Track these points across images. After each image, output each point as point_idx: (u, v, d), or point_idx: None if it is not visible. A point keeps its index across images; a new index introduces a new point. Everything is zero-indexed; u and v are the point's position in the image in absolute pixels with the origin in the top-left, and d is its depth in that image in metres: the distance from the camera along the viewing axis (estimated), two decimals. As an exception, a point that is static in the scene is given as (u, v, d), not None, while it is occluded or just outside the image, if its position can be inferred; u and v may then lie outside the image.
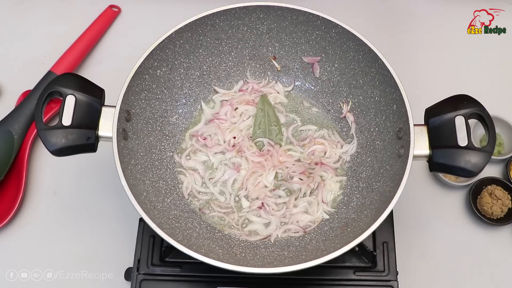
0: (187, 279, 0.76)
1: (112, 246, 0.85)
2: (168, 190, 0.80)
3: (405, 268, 0.81)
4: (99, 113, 0.70)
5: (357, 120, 0.85)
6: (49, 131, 0.67)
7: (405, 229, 0.85)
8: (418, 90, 0.90)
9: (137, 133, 0.77)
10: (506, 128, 0.92)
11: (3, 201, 0.88)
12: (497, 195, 0.86)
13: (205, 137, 0.85)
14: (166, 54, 0.80)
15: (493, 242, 0.87)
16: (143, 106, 0.79)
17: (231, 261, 0.64)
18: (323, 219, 0.79)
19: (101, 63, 1.02)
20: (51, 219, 0.88)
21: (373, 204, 0.73)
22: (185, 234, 0.73)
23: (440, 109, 0.70)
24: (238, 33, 0.84)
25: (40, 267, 0.84)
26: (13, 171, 0.90)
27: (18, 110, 0.92)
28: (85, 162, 0.90)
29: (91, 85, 0.72)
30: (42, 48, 1.03)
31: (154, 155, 0.81)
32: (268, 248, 0.76)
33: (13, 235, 0.87)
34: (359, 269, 0.77)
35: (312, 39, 0.84)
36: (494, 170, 0.91)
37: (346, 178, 0.82)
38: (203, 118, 0.87)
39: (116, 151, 0.68)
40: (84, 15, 1.04)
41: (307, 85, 0.90)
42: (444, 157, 0.67)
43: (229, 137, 0.85)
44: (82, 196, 0.90)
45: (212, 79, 0.89)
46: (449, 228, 0.88)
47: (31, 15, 1.07)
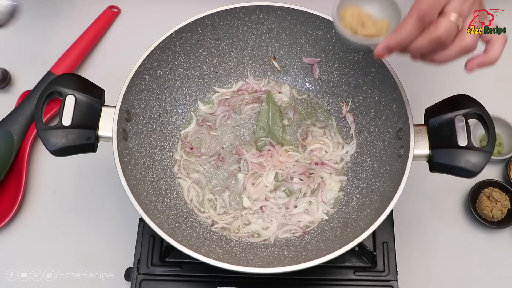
0: (187, 279, 0.76)
1: (112, 246, 0.85)
2: (168, 190, 0.80)
3: (405, 268, 0.81)
4: (99, 113, 0.70)
5: (357, 120, 0.85)
6: (49, 131, 0.67)
7: (405, 229, 0.85)
8: (418, 90, 0.90)
9: (137, 133, 0.77)
10: (506, 128, 0.92)
11: (3, 201, 0.88)
12: (495, 198, 0.86)
13: (191, 146, 0.85)
14: (166, 54, 0.80)
15: (493, 242, 0.86)
16: (143, 106, 0.79)
17: (231, 261, 0.64)
18: (323, 219, 0.79)
19: (101, 63, 1.02)
20: (51, 219, 0.88)
21: (373, 204, 0.73)
22: (185, 234, 0.73)
23: (440, 109, 0.70)
24: (238, 33, 0.84)
25: (40, 267, 0.83)
26: (13, 171, 0.90)
27: (18, 110, 0.92)
28: (85, 162, 0.90)
29: (91, 85, 0.72)
30: (42, 48, 1.03)
31: (154, 155, 0.81)
32: (268, 248, 0.76)
33: (13, 235, 0.87)
34: (359, 269, 0.77)
35: (312, 39, 0.84)
36: (494, 170, 0.91)
37: (347, 178, 0.82)
38: (194, 119, 0.87)
39: (116, 151, 0.68)
40: (84, 15, 1.04)
41: (307, 85, 0.90)
42: (444, 157, 0.67)
43: (217, 148, 0.85)
44: (82, 196, 0.90)
45: (212, 79, 0.89)
46: (449, 228, 0.87)
47: (31, 15, 1.07)
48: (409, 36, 0.58)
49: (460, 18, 0.57)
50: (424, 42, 0.58)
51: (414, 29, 0.57)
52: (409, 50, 0.59)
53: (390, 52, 0.60)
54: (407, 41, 0.58)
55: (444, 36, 0.57)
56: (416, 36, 0.58)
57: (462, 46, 0.58)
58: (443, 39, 0.57)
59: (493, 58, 0.61)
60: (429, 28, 0.57)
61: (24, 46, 1.04)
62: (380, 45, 0.60)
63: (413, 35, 0.58)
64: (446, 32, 0.56)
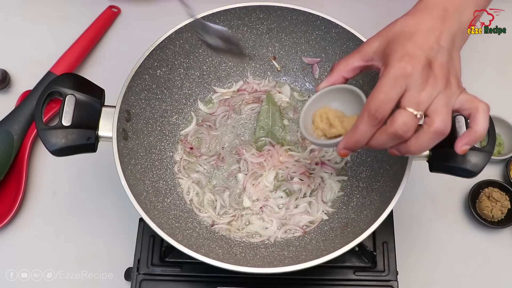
0: (187, 279, 0.76)
1: (112, 246, 0.85)
2: (168, 190, 0.80)
3: (405, 268, 0.81)
4: (99, 113, 0.70)
5: (357, 120, 0.85)
6: (49, 131, 0.67)
7: (405, 229, 0.85)
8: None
9: (137, 133, 0.77)
10: (506, 128, 0.92)
11: (3, 201, 0.88)
12: (495, 198, 0.86)
13: (191, 146, 0.85)
14: (166, 54, 0.80)
15: (493, 242, 0.86)
16: (143, 106, 0.79)
17: (231, 261, 0.64)
18: (322, 219, 0.79)
19: (101, 63, 1.02)
20: (51, 219, 0.88)
21: (373, 204, 0.73)
22: (185, 234, 0.73)
23: (440, 109, 0.70)
24: (238, 33, 0.84)
25: (40, 267, 0.84)
26: (13, 171, 0.90)
27: (18, 110, 0.92)
28: (85, 162, 0.90)
29: (91, 85, 0.72)
30: (42, 48, 1.03)
31: (154, 155, 0.81)
32: (268, 248, 0.76)
33: (13, 235, 0.87)
34: (359, 269, 0.77)
35: (312, 39, 0.84)
36: (494, 171, 0.91)
37: (347, 178, 0.82)
38: (194, 119, 0.87)
39: (116, 151, 0.68)
40: (84, 15, 1.04)
41: (307, 85, 0.90)
42: (444, 157, 0.67)
43: (217, 148, 0.85)
44: (82, 196, 0.90)
45: (212, 79, 0.89)
46: (449, 228, 0.87)
47: (31, 15, 1.07)
48: (365, 135, 0.55)
49: (418, 109, 0.53)
50: (383, 138, 0.55)
51: (367, 127, 0.55)
52: (370, 147, 0.57)
53: (351, 151, 0.58)
54: (364, 139, 0.56)
55: (401, 130, 0.53)
56: (373, 133, 0.55)
57: (433, 132, 0.54)
58: (400, 132, 0.53)
59: (480, 133, 0.56)
60: (386, 123, 0.55)
61: (24, 46, 1.04)
62: (339, 147, 0.59)
63: (368, 133, 0.55)
64: (402, 125, 0.53)
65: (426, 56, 0.55)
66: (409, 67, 0.54)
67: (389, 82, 0.54)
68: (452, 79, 0.56)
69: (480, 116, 0.56)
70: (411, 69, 0.54)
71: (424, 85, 0.54)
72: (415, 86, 0.54)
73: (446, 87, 0.55)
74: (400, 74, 0.54)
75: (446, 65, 0.56)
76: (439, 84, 0.54)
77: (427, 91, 0.54)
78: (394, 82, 0.54)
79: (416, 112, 0.53)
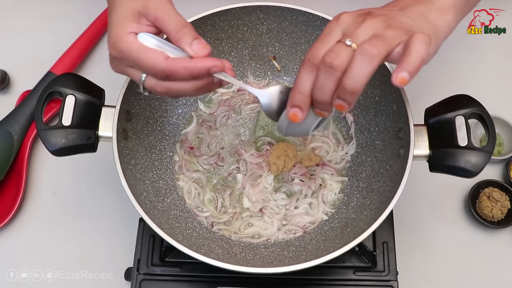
0: (187, 279, 0.76)
1: (112, 246, 0.85)
2: (168, 190, 0.80)
3: (405, 268, 0.81)
4: (99, 113, 0.70)
5: (357, 120, 0.85)
6: (49, 131, 0.67)
7: (405, 229, 0.85)
8: (418, 90, 0.90)
9: (137, 133, 0.77)
10: (506, 128, 0.92)
11: (3, 201, 0.88)
12: (495, 198, 0.86)
13: (191, 146, 0.85)
14: (166, 54, 0.79)
15: (493, 242, 0.86)
16: (143, 106, 0.79)
17: (231, 261, 0.64)
18: (323, 219, 0.79)
19: (101, 63, 1.02)
20: (51, 219, 0.88)
21: (373, 204, 0.73)
22: (185, 234, 0.73)
23: (440, 109, 0.70)
24: (238, 33, 0.84)
25: (40, 267, 0.84)
26: (13, 171, 0.90)
27: (18, 110, 0.92)
28: (85, 162, 0.90)
29: (91, 85, 0.72)
30: (42, 48, 1.03)
31: (154, 155, 0.81)
32: (268, 248, 0.76)
33: (13, 235, 0.87)
34: (359, 269, 0.77)
35: (312, 39, 0.84)
36: (494, 171, 0.91)
37: (347, 179, 0.82)
38: (194, 119, 0.87)
39: (116, 151, 0.68)
40: (84, 15, 1.04)
41: (307, 85, 0.89)
42: (444, 157, 0.67)
43: (217, 148, 0.85)
44: (82, 196, 0.90)
45: (212, 79, 0.89)
46: (449, 228, 0.87)
47: (31, 15, 1.07)
48: (303, 83, 0.54)
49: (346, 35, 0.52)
50: (320, 78, 0.52)
51: (305, 74, 0.54)
52: (317, 99, 0.54)
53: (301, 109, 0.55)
54: (305, 88, 0.54)
55: (329, 57, 0.51)
56: (312, 80, 0.53)
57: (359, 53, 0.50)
58: (329, 60, 0.51)
59: (414, 60, 0.50)
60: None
61: (24, 46, 1.04)
62: (287, 108, 0.56)
63: (307, 79, 0.54)
64: (329, 52, 0.51)
65: (371, 9, 0.55)
66: (344, 15, 0.55)
67: (325, 31, 0.55)
68: (395, 24, 0.53)
69: (413, 43, 0.51)
70: (346, 15, 0.55)
71: (359, 25, 0.53)
72: (350, 27, 0.54)
73: (386, 27, 0.53)
74: (334, 20, 0.55)
75: (393, 16, 0.55)
76: (378, 25, 0.53)
77: (362, 28, 0.52)
78: (330, 29, 0.55)
79: (347, 41, 0.51)
